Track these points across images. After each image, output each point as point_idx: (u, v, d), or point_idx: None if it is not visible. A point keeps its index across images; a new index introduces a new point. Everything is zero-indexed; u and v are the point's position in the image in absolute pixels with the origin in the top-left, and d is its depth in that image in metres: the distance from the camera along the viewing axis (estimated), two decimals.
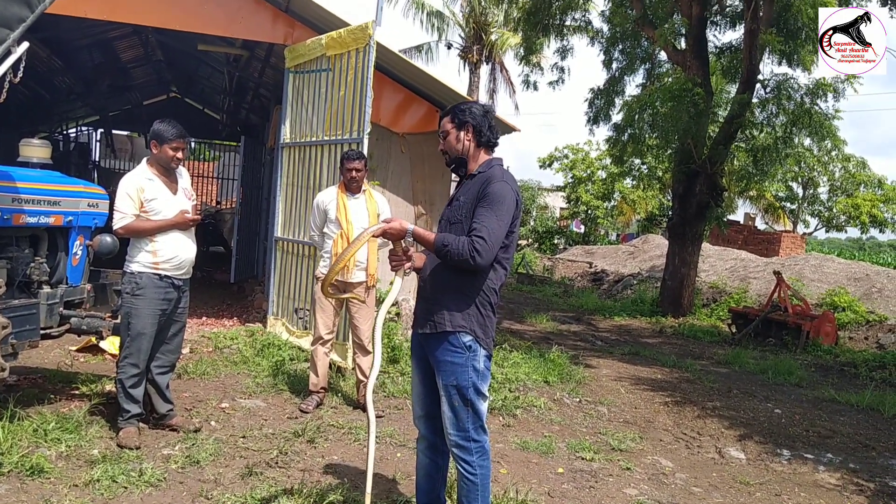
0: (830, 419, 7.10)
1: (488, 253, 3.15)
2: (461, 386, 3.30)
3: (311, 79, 7.89)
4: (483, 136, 3.41)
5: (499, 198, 3.21)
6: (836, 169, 29.62)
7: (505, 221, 3.22)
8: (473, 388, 3.32)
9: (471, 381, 3.31)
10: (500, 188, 3.24)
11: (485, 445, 3.37)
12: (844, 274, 15.67)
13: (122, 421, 4.67)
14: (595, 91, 16.41)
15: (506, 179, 3.30)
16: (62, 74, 15.11)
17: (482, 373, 3.34)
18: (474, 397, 3.33)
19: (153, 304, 4.63)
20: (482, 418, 3.36)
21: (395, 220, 3.31)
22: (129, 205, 4.59)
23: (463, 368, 3.30)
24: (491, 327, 3.36)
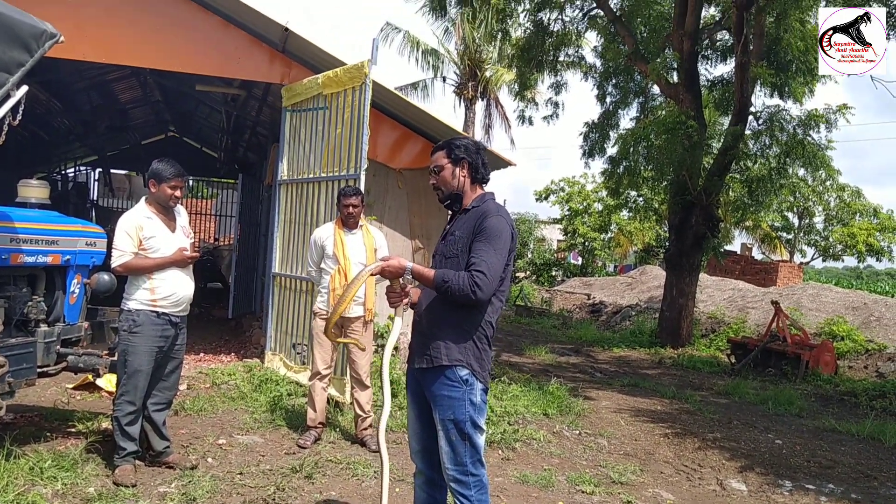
0: (831, 449, 7.07)
1: (488, 287, 3.17)
2: (458, 420, 3.30)
3: (309, 117, 7.98)
4: (478, 173, 3.46)
5: (496, 232, 3.24)
6: (831, 198, 29.72)
7: (503, 255, 3.25)
8: (471, 421, 3.31)
9: (468, 414, 3.30)
10: (497, 222, 3.27)
11: (483, 479, 3.35)
12: (842, 303, 15.69)
13: (118, 459, 4.65)
14: (590, 125, 16.60)
15: (501, 214, 3.33)
16: (61, 116, 15.25)
17: (479, 406, 3.33)
18: (472, 431, 3.32)
19: (150, 342, 4.63)
20: (480, 452, 3.35)
21: (394, 258, 3.32)
22: (127, 243, 4.62)
23: (460, 402, 3.30)
24: (487, 360, 3.36)
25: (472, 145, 3.49)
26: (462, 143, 3.48)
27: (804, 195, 27.03)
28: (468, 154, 3.44)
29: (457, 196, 3.46)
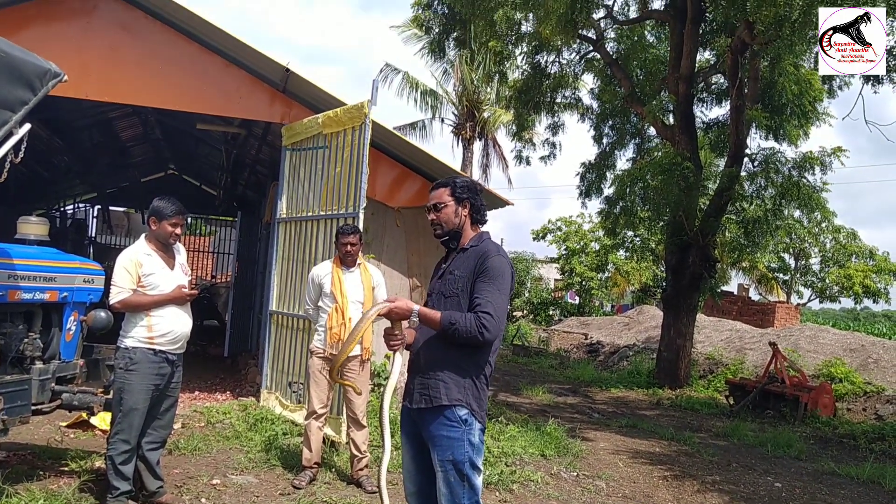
0: (831, 492, 7.00)
1: (496, 328, 3.17)
2: (457, 461, 3.26)
3: (308, 156, 8.05)
4: (478, 213, 3.49)
5: (499, 272, 3.26)
6: (827, 240, 29.92)
7: (506, 295, 3.27)
8: (469, 462, 3.27)
9: (467, 455, 3.26)
10: (499, 262, 3.29)
11: None
12: (840, 345, 15.66)
13: (111, 498, 4.59)
14: (586, 165, 16.74)
15: (501, 253, 3.35)
16: (61, 153, 15.33)
17: (477, 447, 3.30)
18: (470, 472, 3.28)
19: (147, 380, 4.61)
20: (478, 493, 3.30)
21: (401, 300, 3.31)
22: (126, 279, 4.63)
23: (459, 443, 3.26)
24: (485, 399, 3.34)
25: (473, 185, 3.53)
26: (464, 183, 3.51)
27: (800, 236, 27.22)
28: (470, 193, 3.48)
29: (456, 234, 3.47)
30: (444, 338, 3.24)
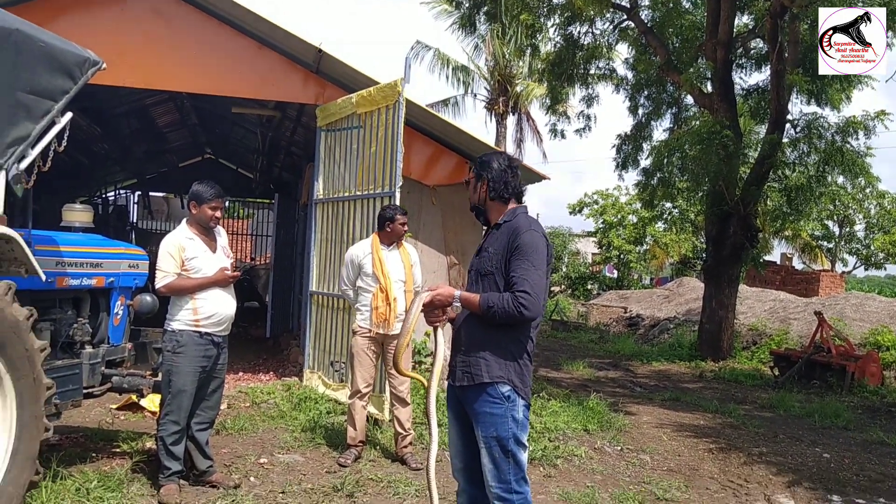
0: (881, 462, 6.89)
1: (535, 305, 3.15)
2: (501, 437, 3.27)
3: (343, 136, 8.05)
4: (493, 191, 3.44)
5: (532, 247, 3.23)
6: (872, 206, 29.22)
7: (543, 270, 3.24)
8: (514, 438, 3.28)
9: (511, 431, 3.27)
10: (531, 238, 3.25)
11: (527, 497, 3.31)
12: (887, 312, 15.35)
13: (162, 478, 4.69)
14: (622, 137, 16.52)
15: (534, 228, 3.32)
16: (101, 141, 15.58)
17: (521, 423, 3.30)
18: (515, 448, 3.29)
19: (194, 362, 4.69)
20: (523, 469, 3.31)
21: (442, 287, 3.34)
22: (170, 264, 4.70)
23: (503, 419, 3.27)
24: (528, 375, 3.33)
25: (499, 162, 3.49)
26: (487, 160, 3.51)
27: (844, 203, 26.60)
28: (488, 171, 3.45)
29: (479, 210, 3.52)
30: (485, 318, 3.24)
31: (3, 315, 3.28)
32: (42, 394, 3.54)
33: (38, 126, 3.77)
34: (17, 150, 3.68)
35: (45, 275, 3.89)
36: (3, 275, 3.68)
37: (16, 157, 3.68)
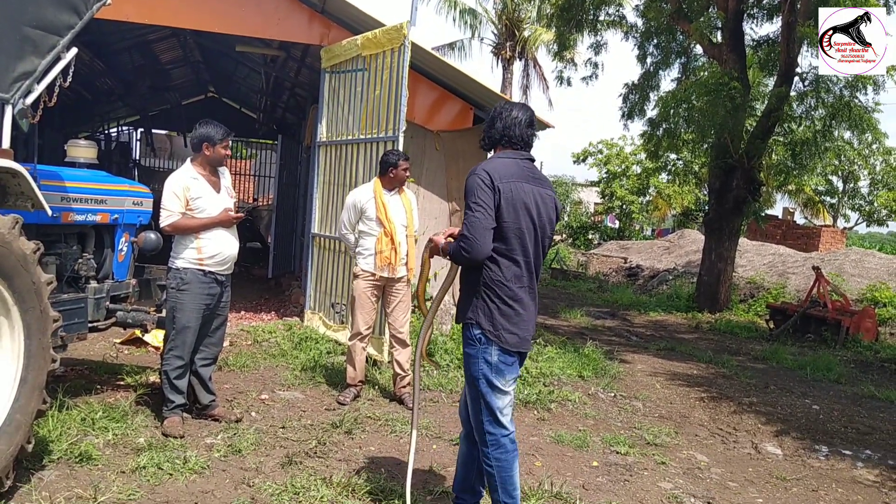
0: (870, 416, 7.02)
1: (474, 245, 3.26)
2: (474, 377, 3.43)
3: (347, 78, 8.00)
4: (491, 139, 3.57)
5: (470, 191, 3.35)
6: (877, 162, 29.04)
7: (482, 210, 3.28)
8: (485, 380, 3.40)
9: (482, 373, 3.40)
10: (470, 181, 3.37)
11: (499, 439, 3.43)
12: (886, 269, 15.43)
13: (167, 411, 4.82)
14: (629, 86, 16.33)
15: (476, 171, 3.37)
16: (104, 76, 15.45)
17: (495, 366, 3.39)
18: (486, 390, 3.41)
19: (198, 299, 4.79)
20: (497, 412, 3.42)
21: (437, 237, 3.56)
22: (175, 203, 4.77)
23: (475, 360, 3.42)
24: (503, 322, 3.35)
25: (506, 111, 3.53)
26: (497, 108, 3.59)
27: (849, 159, 26.44)
28: (495, 119, 3.55)
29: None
30: None
31: (11, 248, 3.33)
32: (49, 326, 3.61)
33: (43, 61, 3.76)
34: (23, 84, 3.68)
35: (51, 210, 3.93)
36: (10, 209, 3.72)
37: (22, 91, 3.68)
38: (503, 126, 3.50)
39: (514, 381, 3.48)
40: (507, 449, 3.44)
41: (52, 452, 4.13)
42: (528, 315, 3.42)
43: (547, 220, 3.47)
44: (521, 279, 3.39)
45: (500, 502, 3.43)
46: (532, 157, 3.56)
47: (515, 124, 3.50)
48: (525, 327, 3.42)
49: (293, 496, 3.89)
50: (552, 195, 3.54)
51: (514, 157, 3.48)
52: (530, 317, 3.45)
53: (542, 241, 3.48)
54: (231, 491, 3.95)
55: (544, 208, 3.45)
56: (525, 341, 3.44)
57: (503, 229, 3.32)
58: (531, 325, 3.47)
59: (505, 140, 3.51)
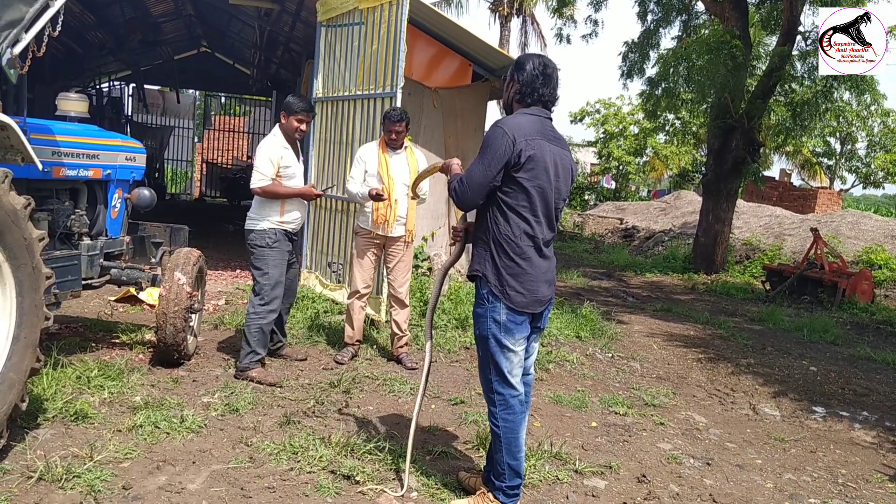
0: (866, 377, 7.04)
1: (465, 195, 3.30)
2: (482, 336, 3.38)
3: (344, 33, 7.82)
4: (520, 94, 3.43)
5: (487, 141, 3.29)
6: (875, 124, 28.85)
7: (487, 164, 3.23)
8: (494, 339, 3.34)
9: (490, 332, 3.34)
10: (490, 132, 3.30)
11: (507, 399, 3.37)
12: (882, 231, 15.41)
13: (251, 362, 5.16)
14: (629, 44, 16.10)
15: (498, 124, 3.30)
16: (94, 29, 15.17)
17: (504, 325, 3.32)
18: (495, 349, 3.35)
19: (284, 255, 5.25)
20: (504, 372, 3.36)
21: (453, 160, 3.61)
22: (269, 169, 5.15)
23: (483, 319, 3.36)
24: (509, 279, 3.29)
25: (532, 64, 3.40)
26: (521, 61, 3.46)
27: (848, 120, 26.26)
28: (520, 72, 3.41)
29: (508, 110, 3.52)
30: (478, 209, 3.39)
31: (1, 203, 3.23)
32: (41, 283, 3.54)
33: (31, 9, 3.62)
34: (10, 33, 3.55)
35: (42, 164, 3.83)
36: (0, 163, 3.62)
37: (9, 41, 3.56)
38: (553, 87, 3.41)
39: (524, 340, 3.40)
40: (516, 410, 3.39)
41: (46, 411, 4.09)
42: (536, 274, 3.33)
43: (563, 182, 3.40)
44: (533, 238, 3.32)
45: (504, 464, 3.38)
46: (551, 117, 3.46)
47: (558, 85, 3.43)
48: (532, 287, 3.33)
49: (291, 455, 3.86)
50: (570, 156, 3.46)
51: (539, 114, 3.38)
52: (540, 276, 3.35)
53: (557, 203, 3.39)
54: (229, 450, 3.91)
55: (563, 170, 3.38)
56: (534, 302, 3.35)
57: (522, 186, 3.25)
58: (541, 285, 3.36)
59: (551, 100, 3.42)
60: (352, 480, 3.64)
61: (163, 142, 21.07)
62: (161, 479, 3.51)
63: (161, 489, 3.41)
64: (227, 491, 3.45)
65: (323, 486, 3.55)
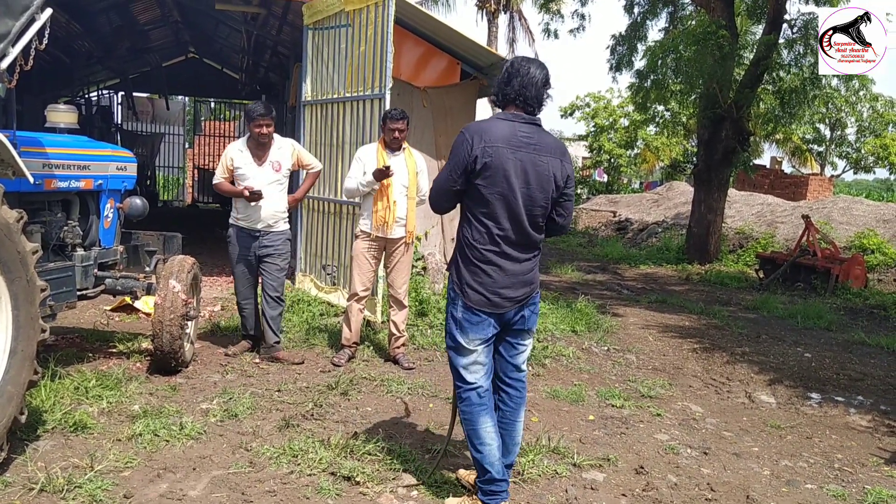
0: (861, 362, 7.08)
1: (432, 199, 3.48)
2: (445, 329, 3.48)
3: (331, 35, 7.83)
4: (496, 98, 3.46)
5: (452, 149, 3.36)
6: (864, 109, 28.92)
7: (451, 169, 3.32)
8: (450, 335, 3.43)
9: (448, 326, 3.43)
10: (456, 139, 3.34)
11: (462, 393, 3.43)
12: (873, 216, 15.47)
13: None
14: (617, 37, 16.12)
15: (466, 128, 3.35)
16: (81, 39, 15.12)
17: (459, 322, 3.37)
18: (450, 343, 3.46)
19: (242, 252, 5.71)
20: (458, 367, 3.43)
21: None
22: (220, 170, 5.72)
23: (447, 313, 3.48)
24: (468, 278, 3.32)
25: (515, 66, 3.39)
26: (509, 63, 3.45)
27: (837, 106, 26.32)
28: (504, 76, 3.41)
29: None
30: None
31: None
32: (36, 295, 3.55)
33: (17, 23, 3.63)
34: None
35: (33, 177, 3.84)
36: None
37: None
38: (520, 85, 3.33)
39: (480, 342, 3.37)
40: (472, 402, 3.39)
41: (46, 422, 4.10)
42: (501, 279, 3.31)
43: (538, 188, 3.30)
44: (497, 244, 3.30)
45: (473, 457, 3.44)
46: (536, 121, 3.39)
47: (532, 83, 3.34)
48: (494, 289, 3.31)
49: (292, 459, 3.88)
50: (554, 162, 3.34)
51: (514, 119, 3.33)
52: (506, 280, 3.32)
53: (532, 210, 3.31)
54: (229, 455, 3.93)
55: (536, 176, 3.28)
56: (494, 304, 3.32)
57: (480, 193, 3.27)
58: (506, 289, 3.32)
59: (520, 100, 3.35)
60: (352, 481, 3.67)
61: (153, 149, 21.03)
62: (162, 486, 3.53)
63: (162, 497, 3.43)
64: (229, 496, 3.48)
65: (324, 488, 3.58)
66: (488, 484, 3.37)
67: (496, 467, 3.36)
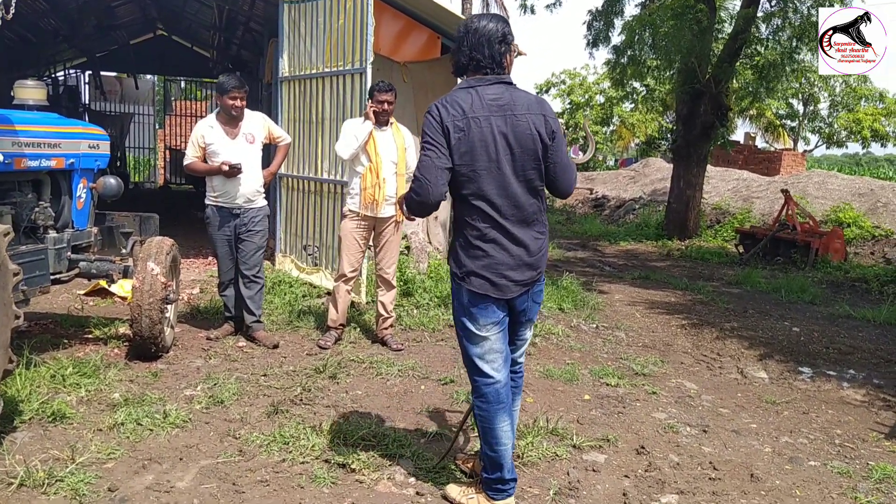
0: (849, 335, 7.07)
1: (424, 185, 2.99)
2: (454, 319, 3.26)
3: (308, 8, 7.59)
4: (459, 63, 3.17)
5: (422, 130, 3.04)
6: (837, 84, 29.14)
7: (433, 147, 2.98)
8: (460, 322, 3.20)
9: (457, 315, 3.22)
10: (424, 120, 3.05)
11: (480, 388, 3.18)
12: (848, 190, 15.56)
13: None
14: (594, 13, 15.94)
15: (431, 106, 3.04)
16: (47, 16, 14.65)
17: (467, 309, 3.14)
18: (461, 332, 3.22)
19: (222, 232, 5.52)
20: (473, 357, 3.18)
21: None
22: (191, 149, 5.47)
23: (454, 300, 3.25)
24: (469, 263, 3.08)
25: (466, 26, 3.14)
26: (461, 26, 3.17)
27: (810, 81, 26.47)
28: (457, 39, 3.16)
29: None
30: None
31: None
32: (9, 280, 3.35)
33: None
34: None
35: (3, 156, 3.62)
36: None
37: None
38: (469, 47, 3.08)
39: (493, 325, 3.14)
40: (489, 399, 3.15)
41: (22, 413, 3.91)
42: (504, 258, 3.07)
43: (522, 153, 3.03)
44: (493, 219, 3.05)
45: (484, 454, 3.23)
46: (504, 80, 3.10)
47: (484, 41, 3.06)
48: (497, 270, 3.07)
49: (282, 446, 3.73)
50: (535, 118, 3.05)
51: (476, 84, 3.07)
52: (509, 262, 3.08)
53: (523, 176, 3.07)
54: (217, 444, 3.77)
55: (517, 140, 3.01)
56: (499, 288, 3.09)
57: (464, 174, 3.01)
58: (511, 271, 3.08)
59: (473, 64, 3.09)
60: (347, 469, 3.53)
61: (123, 129, 20.49)
62: (148, 478, 3.36)
63: (149, 489, 3.27)
64: (219, 487, 3.32)
65: (318, 477, 3.43)
66: (498, 482, 3.23)
67: (508, 467, 3.21)
